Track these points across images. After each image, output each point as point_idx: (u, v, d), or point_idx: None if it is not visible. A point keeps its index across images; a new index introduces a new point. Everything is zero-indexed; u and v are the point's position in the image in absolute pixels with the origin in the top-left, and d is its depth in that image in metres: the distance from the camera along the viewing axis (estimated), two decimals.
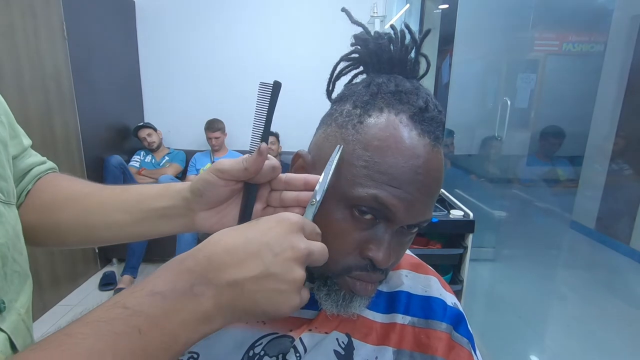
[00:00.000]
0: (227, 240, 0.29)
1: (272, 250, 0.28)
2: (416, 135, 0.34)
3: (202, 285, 0.27)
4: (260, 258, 0.27)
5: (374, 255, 0.35)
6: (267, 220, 0.30)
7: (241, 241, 0.28)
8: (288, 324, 0.43)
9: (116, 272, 2.32)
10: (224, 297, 0.27)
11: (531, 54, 2.69)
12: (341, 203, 0.35)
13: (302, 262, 0.29)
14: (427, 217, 0.36)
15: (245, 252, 0.28)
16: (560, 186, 2.60)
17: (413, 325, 0.44)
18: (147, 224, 0.38)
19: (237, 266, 0.27)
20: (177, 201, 0.37)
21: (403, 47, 0.38)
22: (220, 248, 0.28)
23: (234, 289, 0.27)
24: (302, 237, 0.29)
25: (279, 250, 0.28)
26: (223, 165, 0.34)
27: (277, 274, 0.27)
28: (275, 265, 0.27)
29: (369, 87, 0.37)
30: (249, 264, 0.27)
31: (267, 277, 0.27)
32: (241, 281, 0.27)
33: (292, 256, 0.28)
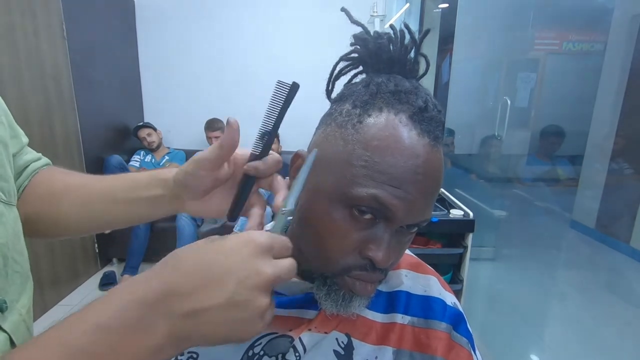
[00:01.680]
0: (186, 266, 0.26)
1: (236, 277, 0.26)
2: (416, 135, 0.34)
3: (154, 317, 0.25)
4: (223, 286, 0.25)
5: (374, 255, 0.35)
6: (233, 241, 0.28)
7: (202, 266, 0.26)
8: (288, 324, 0.43)
9: (116, 271, 2.32)
10: (179, 328, 0.25)
11: (531, 53, 2.69)
12: (340, 203, 0.35)
13: (268, 289, 0.27)
14: (426, 217, 0.36)
15: (207, 279, 0.26)
16: (560, 185, 2.60)
17: (413, 325, 0.44)
18: (140, 211, 0.41)
19: (196, 295, 0.25)
20: (165, 190, 0.39)
21: (402, 47, 0.38)
22: (179, 274, 0.26)
23: (192, 319, 0.25)
24: (269, 261, 0.28)
25: (243, 277, 0.26)
26: (199, 155, 0.35)
27: (241, 303, 0.26)
28: (239, 294, 0.26)
29: (368, 87, 0.37)
30: (210, 292, 0.25)
31: (229, 307, 0.25)
32: (200, 311, 0.25)
33: (257, 284, 0.26)
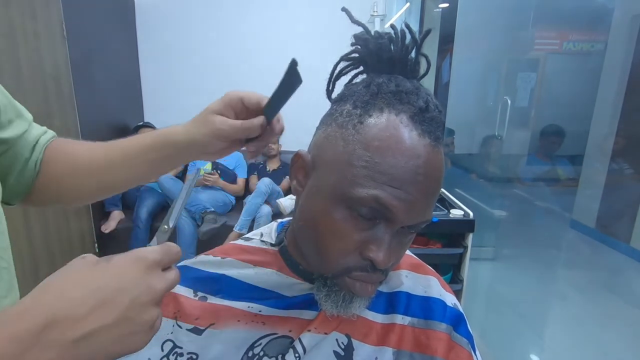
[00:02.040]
0: (73, 291, 0.25)
1: (128, 296, 0.26)
2: (416, 136, 0.34)
3: (38, 350, 0.24)
4: (115, 305, 0.26)
5: (374, 256, 0.35)
6: (121, 261, 0.28)
7: (90, 290, 0.26)
8: (288, 325, 0.43)
9: None
10: (70, 354, 0.25)
11: (531, 53, 2.69)
12: (341, 203, 0.35)
13: (158, 302, 0.28)
14: (427, 218, 0.36)
15: (97, 301, 0.25)
16: (561, 185, 2.60)
17: (413, 325, 0.44)
18: (153, 169, 0.47)
19: (86, 319, 0.25)
20: (176, 151, 0.44)
21: (403, 47, 0.38)
22: (64, 301, 0.25)
23: (84, 343, 0.25)
24: (158, 275, 0.29)
25: (136, 295, 0.26)
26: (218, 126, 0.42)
27: (133, 319, 0.26)
28: (132, 310, 0.26)
29: (369, 87, 0.36)
30: (101, 313, 0.25)
31: (121, 324, 0.26)
32: (93, 333, 0.25)
33: (149, 299, 0.27)
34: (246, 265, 0.46)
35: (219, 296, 0.44)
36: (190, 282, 0.45)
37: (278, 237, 0.48)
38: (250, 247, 0.48)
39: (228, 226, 2.31)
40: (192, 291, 0.44)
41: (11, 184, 0.44)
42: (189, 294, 0.44)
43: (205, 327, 0.42)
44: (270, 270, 0.45)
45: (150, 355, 0.40)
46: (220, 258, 0.47)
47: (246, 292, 0.44)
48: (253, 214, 2.31)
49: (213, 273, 0.46)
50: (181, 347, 0.41)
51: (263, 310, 0.42)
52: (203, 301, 0.43)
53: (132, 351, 0.27)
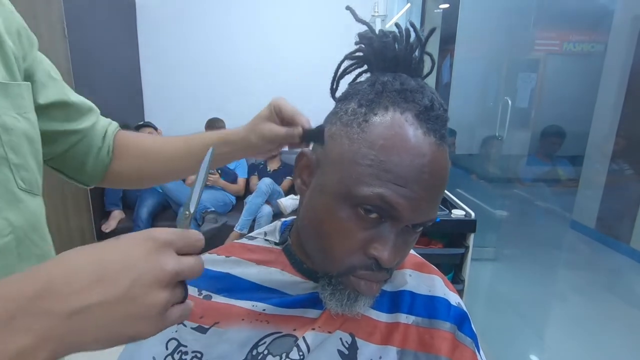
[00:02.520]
0: (75, 263, 0.25)
1: (134, 272, 0.25)
2: (422, 134, 0.34)
3: (29, 317, 0.22)
4: (117, 281, 0.24)
5: (379, 255, 0.35)
6: (130, 239, 0.26)
7: (94, 263, 0.25)
8: (292, 324, 0.42)
9: None
10: (62, 329, 0.23)
11: (532, 54, 2.69)
12: (346, 202, 0.35)
13: (167, 284, 0.26)
14: (432, 217, 0.36)
15: (99, 275, 0.24)
16: (561, 186, 2.60)
17: (417, 324, 0.44)
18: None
19: (85, 292, 0.23)
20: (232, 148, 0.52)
21: (408, 45, 0.38)
22: (64, 271, 0.24)
23: (78, 317, 0.23)
24: (170, 256, 0.26)
25: (141, 272, 0.25)
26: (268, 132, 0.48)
27: (137, 298, 0.24)
28: (135, 288, 0.24)
29: (374, 86, 0.37)
30: (102, 288, 0.24)
31: (124, 302, 0.24)
32: (89, 307, 0.23)
33: (156, 278, 0.25)
34: (250, 264, 0.46)
35: (223, 295, 0.44)
36: (195, 281, 0.45)
37: (282, 236, 0.48)
38: (254, 246, 0.48)
39: (229, 226, 2.31)
40: (196, 290, 0.44)
41: (89, 169, 0.52)
42: (193, 292, 0.44)
43: (209, 325, 0.42)
44: (274, 269, 0.45)
45: (154, 353, 0.40)
46: (224, 257, 0.47)
47: (250, 291, 0.44)
48: (254, 213, 2.31)
49: (217, 272, 0.45)
50: (185, 345, 0.41)
51: (267, 309, 0.42)
52: (207, 300, 0.43)
53: (134, 338, 0.25)
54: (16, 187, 0.36)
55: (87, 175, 0.53)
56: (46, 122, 0.44)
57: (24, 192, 0.37)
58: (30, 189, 0.39)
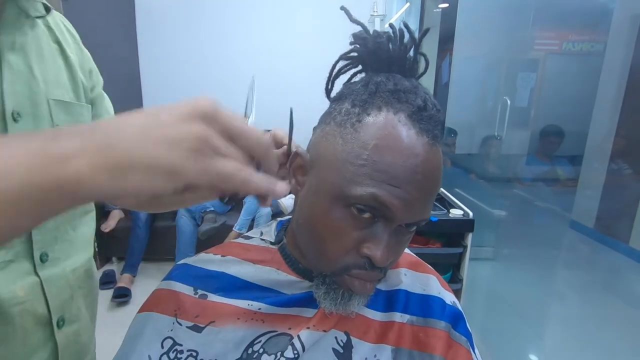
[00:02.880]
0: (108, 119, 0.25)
1: (167, 108, 0.24)
2: (415, 134, 0.34)
3: (71, 132, 0.22)
4: (154, 111, 0.23)
5: (373, 254, 0.35)
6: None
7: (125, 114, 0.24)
8: (287, 322, 0.43)
9: (116, 270, 2.32)
10: (100, 139, 0.22)
11: (531, 53, 2.69)
12: (340, 202, 0.35)
13: (203, 119, 0.24)
14: (425, 216, 0.36)
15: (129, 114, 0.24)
16: (560, 185, 2.60)
17: (412, 323, 0.44)
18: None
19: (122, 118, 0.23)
20: None
21: (402, 46, 0.38)
22: (95, 123, 0.24)
23: (116, 133, 0.22)
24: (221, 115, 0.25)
25: (175, 107, 0.24)
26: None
27: (172, 124, 0.23)
28: (172, 116, 0.23)
29: (367, 86, 0.37)
30: (138, 114, 0.23)
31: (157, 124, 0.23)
32: (125, 126, 0.23)
33: (192, 111, 0.23)
34: (246, 264, 0.46)
35: (219, 294, 0.44)
36: (191, 280, 0.45)
37: (278, 236, 0.48)
38: (251, 246, 0.48)
39: (228, 226, 2.32)
40: (192, 289, 0.44)
41: None
42: (189, 291, 0.44)
43: (205, 324, 0.42)
44: (269, 269, 0.45)
45: (150, 352, 0.40)
46: (220, 256, 0.47)
47: (246, 290, 0.44)
48: (253, 213, 2.31)
49: (213, 271, 0.46)
50: (181, 344, 0.41)
51: (262, 308, 0.43)
52: (203, 299, 0.44)
53: (174, 171, 0.22)
54: None
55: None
56: None
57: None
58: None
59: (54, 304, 0.42)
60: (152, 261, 2.43)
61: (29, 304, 0.39)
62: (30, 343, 0.40)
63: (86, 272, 0.49)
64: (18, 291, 0.37)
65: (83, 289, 0.49)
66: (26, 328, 0.39)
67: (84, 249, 0.49)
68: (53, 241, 0.42)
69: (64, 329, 0.44)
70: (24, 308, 0.39)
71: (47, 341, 0.42)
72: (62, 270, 0.44)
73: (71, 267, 0.46)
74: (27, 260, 0.39)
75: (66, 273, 0.44)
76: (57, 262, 0.43)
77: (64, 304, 0.44)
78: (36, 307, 0.40)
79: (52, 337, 0.43)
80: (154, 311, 0.43)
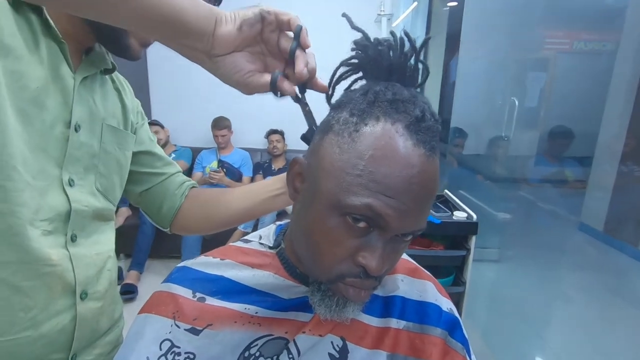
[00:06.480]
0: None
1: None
2: (411, 145, 0.34)
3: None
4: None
5: (367, 263, 0.35)
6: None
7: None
8: (284, 326, 0.43)
9: (123, 267, 2.36)
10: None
11: (541, 53, 2.65)
12: (336, 210, 0.35)
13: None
14: (421, 226, 0.36)
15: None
16: (568, 187, 2.57)
17: (408, 329, 0.45)
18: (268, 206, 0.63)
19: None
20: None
21: (402, 54, 0.38)
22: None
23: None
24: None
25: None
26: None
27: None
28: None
29: (366, 95, 0.37)
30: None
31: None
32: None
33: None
34: (244, 267, 0.46)
35: (217, 297, 0.44)
36: (190, 283, 0.46)
37: (276, 240, 0.49)
38: (249, 250, 0.49)
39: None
40: (191, 292, 0.45)
41: (164, 210, 0.67)
42: (187, 294, 0.45)
43: (202, 327, 0.43)
44: (267, 273, 0.46)
45: (148, 354, 0.41)
46: (219, 259, 0.48)
47: (243, 294, 0.44)
48: None
49: (212, 274, 0.46)
50: (179, 346, 0.42)
51: (259, 312, 0.43)
52: (201, 302, 0.44)
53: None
54: (94, 187, 0.53)
55: (162, 216, 0.67)
56: (138, 165, 0.63)
57: (99, 192, 0.54)
58: (104, 193, 0.55)
59: (80, 278, 0.49)
60: (159, 258, 2.47)
61: (58, 268, 0.46)
62: (55, 305, 0.47)
63: (110, 258, 0.57)
64: (52, 255, 0.45)
65: (111, 272, 0.57)
66: (53, 289, 0.46)
67: (106, 243, 0.56)
68: (82, 228, 0.51)
69: (86, 302, 0.50)
70: (54, 271, 0.46)
71: (69, 309, 0.49)
72: (87, 251, 0.51)
73: (96, 251, 0.53)
74: (62, 235, 0.48)
75: (91, 254, 0.52)
76: (83, 244, 0.51)
77: (88, 280, 0.51)
78: (65, 275, 0.47)
79: (74, 306, 0.49)
80: (153, 313, 0.44)
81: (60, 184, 0.47)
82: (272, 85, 0.41)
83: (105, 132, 0.54)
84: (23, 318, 0.44)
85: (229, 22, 0.38)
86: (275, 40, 0.41)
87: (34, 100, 0.43)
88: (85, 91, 0.51)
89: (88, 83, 0.51)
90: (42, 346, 0.46)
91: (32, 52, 0.43)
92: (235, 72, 0.40)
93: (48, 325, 0.46)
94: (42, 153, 0.45)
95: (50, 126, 0.45)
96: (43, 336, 0.46)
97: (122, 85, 0.62)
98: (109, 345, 0.58)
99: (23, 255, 0.43)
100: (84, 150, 0.50)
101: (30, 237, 0.43)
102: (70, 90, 0.48)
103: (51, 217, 0.46)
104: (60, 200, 0.47)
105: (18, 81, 0.41)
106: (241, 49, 0.40)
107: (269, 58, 0.43)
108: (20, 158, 0.41)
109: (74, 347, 0.50)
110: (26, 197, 0.42)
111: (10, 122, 0.40)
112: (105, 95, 0.56)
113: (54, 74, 0.46)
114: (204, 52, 0.38)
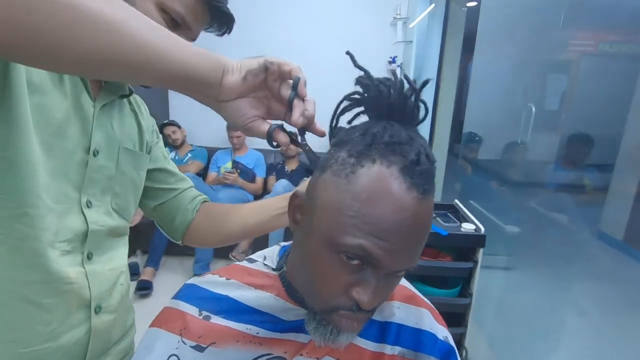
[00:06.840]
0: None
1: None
2: (405, 189, 0.35)
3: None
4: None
5: (360, 298, 0.37)
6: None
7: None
8: (284, 347, 0.46)
9: (140, 263, 2.45)
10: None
11: (563, 54, 2.56)
12: (331, 248, 0.37)
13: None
14: (412, 264, 0.38)
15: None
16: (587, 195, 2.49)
17: (402, 356, 0.46)
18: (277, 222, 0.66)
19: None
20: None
21: (402, 95, 0.39)
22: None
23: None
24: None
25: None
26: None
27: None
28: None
29: (364, 136, 0.38)
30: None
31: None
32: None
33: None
34: (248, 288, 0.49)
35: (221, 316, 0.47)
36: (196, 301, 0.49)
37: (279, 262, 0.51)
38: (254, 270, 0.51)
39: None
40: (197, 310, 0.48)
41: (177, 223, 0.69)
42: (194, 312, 0.48)
43: (207, 345, 0.45)
44: (269, 294, 0.48)
45: None
46: (225, 279, 0.51)
47: (246, 314, 0.47)
48: None
49: (217, 294, 0.49)
50: None
51: (261, 332, 0.46)
52: (207, 320, 0.47)
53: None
54: (110, 207, 0.56)
55: (175, 229, 0.70)
56: (152, 182, 0.67)
57: (114, 211, 0.57)
58: (119, 211, 0.58)
59: (95, 293, 0.52)
60: (174, 255, 2.54)
61: (76, 286, 0.49)
62: (72, 319, 0.50)
63: (122, 273, 0.60)
64: (70, 274, 0.48)
65: (123, 286, 0.60)
66: (70, 305, 0.49)
67: (119, 259, 0.60)
68: (97, 246, 0.54)
69: (100, 315, 0.54)
70: (72, 288, 0.49)
71: (84, 322, 0.52)
72: (102, 267, 0.55)
73: (109, 267, 0.57)
74: (79, 254, 0.51)
75: (105, 270, 0.55)
76: (98, 261, 0.54)
77: (102, 295, 0.54)
78: (81, 291, 0.50)
79: (88, 319, 0.52)
80: (162, 328, 0.47)
81: (79, 206, 0.50)
82: (268, 136, 0.44)
83: (121, 155, 0.57)
84: (43, 331, 0.47)
85: (234, 72, 0.40)
86: (277, 88, 0.44)
87: (57, 130, 0.46)
88: (104, 117, 0.54)
89: (107, 109, 0.54)
90: (60, 357, 0.49)
91: (56, 86, 0.46)
92: (238, 116, 0.43)
93: (65, 338, 0.49)
94: (63, 178, 0.48)
95: (71, 153, 0.48)
96: (61, 347, 0.49)
97: (139, 106, 0.65)
98: (120, 353, 0.61)
99: (45, 276, 0.46)
100: (102, 173, 0.53)
101: (51, 257, 0.46)
102: (90, 118, 0.51)
103: (70, 238, 0.49)
104: (78, 222, 0.50)
105: (44, 114, 0.44)
106: (245, 95, 0.42)
107: (272, 101, 0.45)
108: (44, 185, 0.44)
109: (88, 357, 0.53)
110: (48, 221, 0.45)
111: (35, 152, 0.43)
112: (122, 120, 0.59)
113: (75, 103, 0.48)
114: (213, 97, 0.41)
